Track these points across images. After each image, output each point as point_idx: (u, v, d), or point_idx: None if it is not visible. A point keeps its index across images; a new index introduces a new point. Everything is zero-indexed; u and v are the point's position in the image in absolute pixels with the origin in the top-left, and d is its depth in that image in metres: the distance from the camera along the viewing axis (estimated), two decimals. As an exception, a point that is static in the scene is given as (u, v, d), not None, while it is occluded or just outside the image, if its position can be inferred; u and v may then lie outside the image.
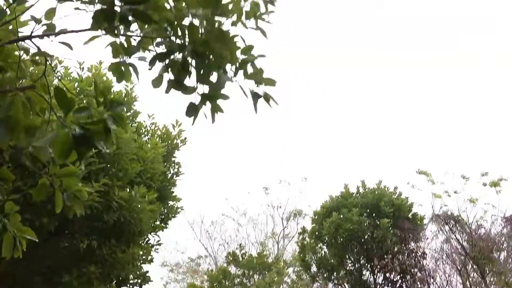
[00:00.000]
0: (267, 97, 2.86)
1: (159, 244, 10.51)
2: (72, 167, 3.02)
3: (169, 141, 10.60)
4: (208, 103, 2.77)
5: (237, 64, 2.79)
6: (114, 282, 9.93)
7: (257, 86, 2.84)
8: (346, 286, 16.31)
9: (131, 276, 9.85)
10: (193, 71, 2.70)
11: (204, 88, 2.75)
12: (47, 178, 2.96)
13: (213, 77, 2.72)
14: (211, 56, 2.67)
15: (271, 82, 2.87)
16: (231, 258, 29.41)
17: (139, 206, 8.15)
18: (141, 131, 10.32)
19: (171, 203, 10.71)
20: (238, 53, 2.78)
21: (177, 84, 2.74)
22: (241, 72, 2.81)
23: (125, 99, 10.13)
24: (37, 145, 2.68)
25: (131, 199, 7.94)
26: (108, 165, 7.67)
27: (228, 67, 2.76)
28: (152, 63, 2.74)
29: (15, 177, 6.03)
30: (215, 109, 2.83)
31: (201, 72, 2.69)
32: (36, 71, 3.01)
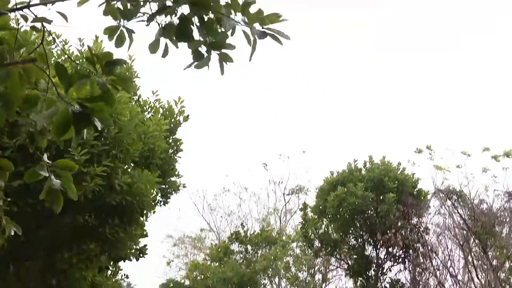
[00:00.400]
0: (274, 34, 2.66)
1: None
2: (68, 161, 2.97)
3: (172, 118, 10.53)
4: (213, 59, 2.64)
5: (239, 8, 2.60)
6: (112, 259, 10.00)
7: (262, 27, 2.65)
8: (349, 261, 16.38)
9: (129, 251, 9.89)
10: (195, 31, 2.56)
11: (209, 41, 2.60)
12: (43, 164, 2.90)
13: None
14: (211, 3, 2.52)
15: (275, 18, 2.68)
16: (234, 237, 29.56)
17: (141, 189, 8.11)
18: (144, 108, 10.26)
19: (172, 179, 10.70)
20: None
21: (182, 34, 2.57)
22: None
23: (126, 73, 10.05)
24: (36, 120, 2.62)
25: (134, 183, 7.90)
26: (110, 146, 7.59)
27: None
28: (150, 19, 2.62)
29: (17, 161, 5.98)
30: (223, 59, 2.69)
31: (203, 22, 2.53)
32: (36, 41, 2.93)
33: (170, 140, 10.45)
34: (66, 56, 7.62)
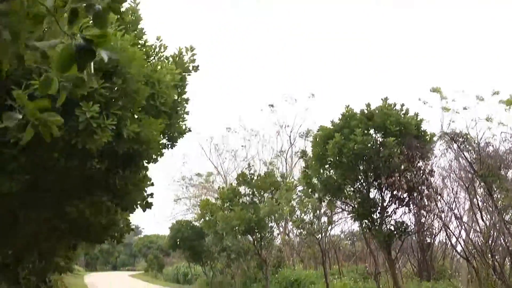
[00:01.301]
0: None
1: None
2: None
3: (182, 66, 10.29)
4: None
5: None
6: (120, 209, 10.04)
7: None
8: (354, 204, 16.43)
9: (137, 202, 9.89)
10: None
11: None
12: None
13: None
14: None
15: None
16: (241, 179, 29.80)
17: (149, 137, 8.01)
18: (150, 53, 10.00)
19: (180, 124, 10.56)
20: None
21: None
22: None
23: (130, 17, 9.79)
24: (40, 46, 2.51)
25: (141, 131, 7.78)
26: (118, 95, 7.42)
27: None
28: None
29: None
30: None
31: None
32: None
33: (180, 89, 10.24)
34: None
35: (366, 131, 15.06)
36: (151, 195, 10.13)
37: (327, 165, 16.02)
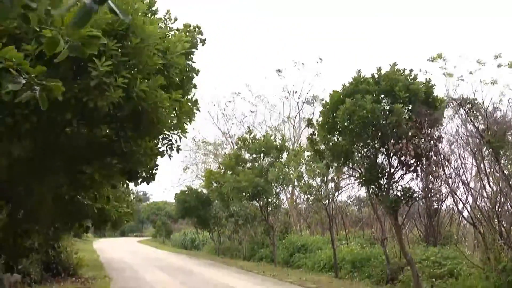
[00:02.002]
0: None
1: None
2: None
3: (191, 38, 10.23)
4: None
5: None
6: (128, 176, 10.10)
7: None
8: (361, 169, 16.47)
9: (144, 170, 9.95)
10: None
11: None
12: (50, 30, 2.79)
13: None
14: None
15: None
16: (241, 143, 29.92)
17: (156, 97, 8.02)
18: (160, 22, 9.94)
19: (189, 97, 10.51)
20: None
21: None
22: None
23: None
24: (55, 13, 2.54)
25: (150, 90, 7.79)
26: (130, 57, 7.43)
27: None
28: None
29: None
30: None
31: None
32: None
33: (188, 61, 10.17)
34: None
35: (375, 97, 14.92)
36: (156, 166, 10.18)
37: (336, 132, 15.99)
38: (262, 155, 28.59)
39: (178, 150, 10.03)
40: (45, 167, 8.82)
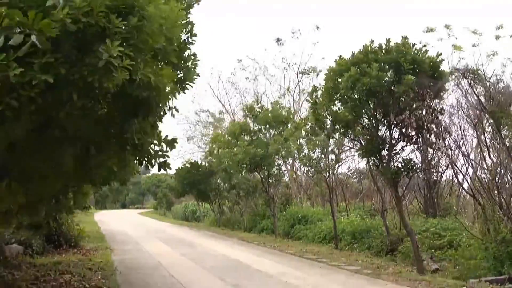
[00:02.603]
0: None
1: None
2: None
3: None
4: None
5: None
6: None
7: None
8: (362, 141, 16.43)
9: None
10: None
11: None
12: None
13: None
14: None
15: None
16: (248, 112, 29.84)
17: (160, 84, 7.92)
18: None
19: (188, 66, 10.37)
20: None
21: None
22: None
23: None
24: None
25: (155, 76, 7.67)
26: (131, 35, 7.28)
27: None
28: None
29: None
30: None
31: None
32: None
33: (185, 29, 9.99)
34: None
35: (382, 66, 14.76)
36: (167, 156, 10.00)
37: (337, 101, 15.91)
38: (267, 126, 28.56)
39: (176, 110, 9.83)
40: (54, 139, 8.73)
